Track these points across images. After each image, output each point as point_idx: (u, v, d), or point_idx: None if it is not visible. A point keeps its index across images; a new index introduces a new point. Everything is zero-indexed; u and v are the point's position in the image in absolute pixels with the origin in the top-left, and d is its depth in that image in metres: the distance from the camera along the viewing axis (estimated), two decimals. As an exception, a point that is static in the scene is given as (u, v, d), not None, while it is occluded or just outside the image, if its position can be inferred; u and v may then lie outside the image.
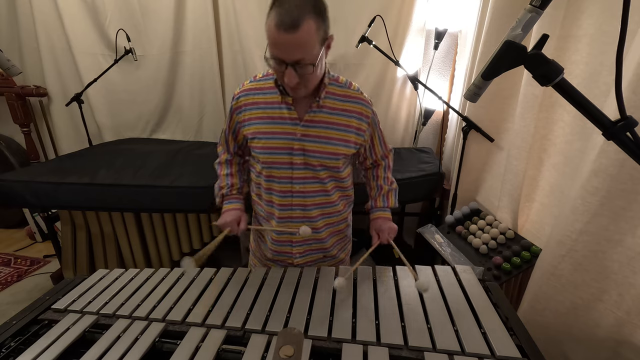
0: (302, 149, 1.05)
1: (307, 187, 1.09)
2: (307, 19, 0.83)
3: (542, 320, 1.28)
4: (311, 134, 1.05)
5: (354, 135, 1.08)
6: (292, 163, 1.06)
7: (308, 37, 0.85)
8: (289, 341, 0.69)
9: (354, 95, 1.08)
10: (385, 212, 1.23)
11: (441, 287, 1.02)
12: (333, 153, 1.06)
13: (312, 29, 0.85)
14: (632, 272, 1.07)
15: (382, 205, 1.23)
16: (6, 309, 2.21)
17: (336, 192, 1.15)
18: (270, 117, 1.06)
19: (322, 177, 1.09)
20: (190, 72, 2.72)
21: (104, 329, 0.93)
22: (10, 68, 1.42)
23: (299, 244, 1.17)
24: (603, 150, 1.02)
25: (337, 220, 1.19)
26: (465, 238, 1.79)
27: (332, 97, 1.06)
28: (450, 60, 2.42)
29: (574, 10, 1.33)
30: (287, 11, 0.82)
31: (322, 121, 1.05)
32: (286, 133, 1.05)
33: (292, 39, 0.84)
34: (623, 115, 0.57)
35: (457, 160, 2.02)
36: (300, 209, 1.12)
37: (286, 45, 0.86)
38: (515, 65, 0.62)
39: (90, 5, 2.62)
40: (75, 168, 2.09)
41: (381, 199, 1.24)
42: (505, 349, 0.79)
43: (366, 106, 1.09)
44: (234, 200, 1.19)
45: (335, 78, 1.08)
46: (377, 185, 1.24)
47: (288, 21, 0.82)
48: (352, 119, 1.07)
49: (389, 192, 1.25)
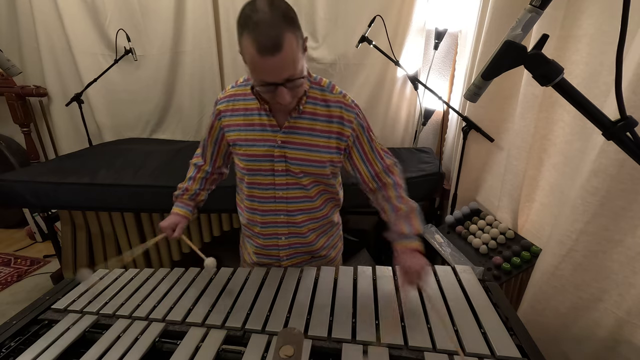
0: (284, 156, 1.03)
1: (290, 193, 1.07)
2: (286, 35, 0.80)
3: (542, 320, 1.28)
4: (292, 140, 1.02)
5: (335, 141, 1.03)
6: (274, 170, 1.04)
7: (292, 52, 0.82)
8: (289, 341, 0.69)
9: (335, 99, 1.02)
10: (413, 241, 0.99)
11: (441, 287, 1.02)
12: (317, 160, 1.03)
13: (292, 42, 0.82)
14: (632, 272, 1.06)
15: (406, 232, 1.00)
16: (6, 309, 2.21)
17: (321, 196, 1.12)
18: (250, 124, 1.04)
19: (304, 183, 1.06)
20: (190, 72, 2.72)
21: (104, 329, 0.93)
22: (10, 68, 1.42)
23: (285, 247, 1.16)
24: (603, 150, 1.02)
25: (323, 222, 1.17)
26: (465, 238, 1.79)
27: (312, 102, 1.02)
28: (450, 60, 2.42)
29: (574, 10, 1.33)
30: (265, 34, 0.78)
31: (303, 127, 1.02)
32: (266, 140, 1.03)
33: (279, 60, 0.81)
34: (623, 115, 0.57)
35: (457, 160, 2.02)
36: (284, 214, 1.10)
37: (274, 68, 0.83)
38: (515, 65, 0.62)
39: (90, 5, 2.62)
40: (75, 168, 2.09)
41: (404, 224, 1.02)
42: (505, 349, 0.79)
43: (348, 110, 1.02)
44: (180, 205, 1.21)
45: (317, 81, 1.03)
46: (392, 207, 1.06)
47: (270, 44, 0.78)
48: (332, 124, 1.02)
49: (410, 213, 1.04)
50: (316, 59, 2.48)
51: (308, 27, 2.44)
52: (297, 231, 1.13)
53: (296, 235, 1.14)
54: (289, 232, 1.13)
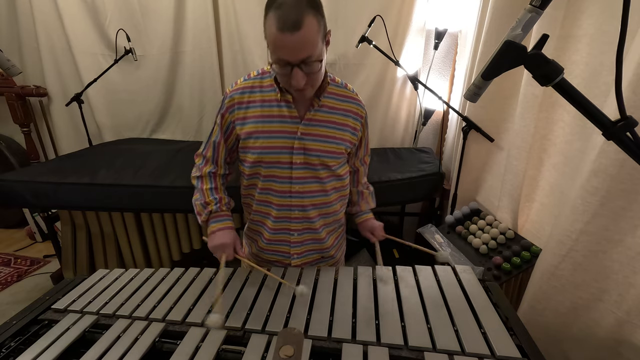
0: (303, 148, 1.04)
1: (306, 187, 1.09)
2: (308, 16, 0.83)
3: (542, 320, 1.28)
4: (312, 132, 1.05)
5: (349, 135, 1.11)
6: (292, 162, 1.05)
7: (312, 33, 0.85)
8: (289, 341, 0.69)
9: (350, 95, 1.11)
10: (369, 214, 1.31)
11: (441, 287, 1.02)
12: (333, 152, 1.08)
13: (314, 25, 0.85)
14: (632, 272, 1.06)
15: (366, 209, 1.31)
16: (6, 309, 2.21)
17: (334, 192, 1.14)
18: (269, 115, 1.03)
19: (321, 176, 1.09)
20: (190, 72, 2.72)
21: (104, 329, 0.93)
22: (10, 68, 1.42)
23: (297, 245, 1.16)
24: (603, 150, 1.02)
25: (334, 219, 1.19)
26: (465, 238, 1.79)
27: (330, 97, 1.08)
28: (450, 60, 2.42)
29: (574, 10, 1.33)
30: (287, 12, 0.82)
31: (322, 120, 1.06)
32: (286, 132, 1.03)
33: (297, 39, 0.84)
34: (623, 115, 0.57)
35: (457, 160, 2.02)
36: (298, 210, 1.11)
37: (292, 46, 0.85)
38: (515, 65, 0.62)
39: (90, 5, 2.62)
40: (75, 168, 2.09)
41: (365, 203, 1.31)
42: (505, 349, 0.79)
43: (361, 107, 1.14)
44: (224, 218, 1.10)
45: (332, 78, 1.10)
46: (358, 192, 1.31)
47: (290, 22, 0.82)
48: (348, 119, 1.10)
49: (369, 195, 1.33)
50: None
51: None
52: (311, 227, 1.14)
53: (310, 231, 1.15)
54: (302, 229, 1.13)
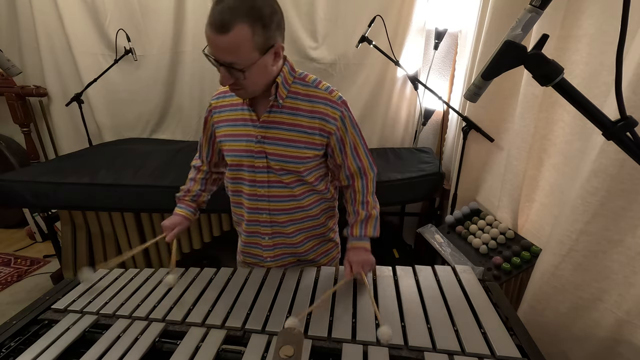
0: (264, 152, 1.02)
1: (272, 192, 1.06)
2: (238, 24, 0.80)
3: (542, 320, 1.28)
4: (271, 135, 1.01)
5: (318, 137, 1.01)
6: (254, 166, 1.04)
7: (238, 42, 0.82)
8: (289, 341, 0.70)
9: (320, 95, 1.00)
10: (362, 241, 1.09)
11: (441, 287, 1.02)
12: (297, 157, 1.01)
13: (244, 34, 0.81)
14: (632, 272, 1.06)
15: (357, 235, 1.10)
16: (6, 309, 2.21)
17: (309, 196, 1.09)
18: (235, 119, 1.05)
19: (286, 181, 1.04)
20: (190, 72, 2.72)
21: (104, 329, 0.93)
22: (10, 68, 1.42)
23: (269, 248, 1.15)
24: (603, 150, 1.02)
25: (312, 225, 1.14)
26: (465, 238, 1.79)
27: (294, 97, 1.00)
28: (450, 60, 2.42)
29: (574, 10, 1.33)
30: (220, 12, 0.80)
31: (283, 122, 1.00)
32: (247, 135, 1.03)
33: (221, 41, 0.82)
34: (623, 115, 0.57)
35: (457, 160, 2.02)
36: (266, 213, 1.09)
37: (216, 45, 0.84)
38: (515, 65, 0.62)
39: (90, 5, 2.62)
40: (75, 168, 2.09)
41: (358, 227, 1.10)
42: (505, 349, 0.79)
43: (333, 107, 1.00)
44: (182, 206, 1.21)
45: (302, 77, 1.02)
46: (354, 211, 1.11)
47: (218, 22, 0.80)
48: (314, 120, 1.00)
49: (368, 219, 1.11)
50: (316, 59, 2.48)
51: (308, 27, 2.44)
52: (282, 231, 1.12)
53: (281, 235, 1.13)
54: (272, 232, 1.12)
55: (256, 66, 0.87)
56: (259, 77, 0.92)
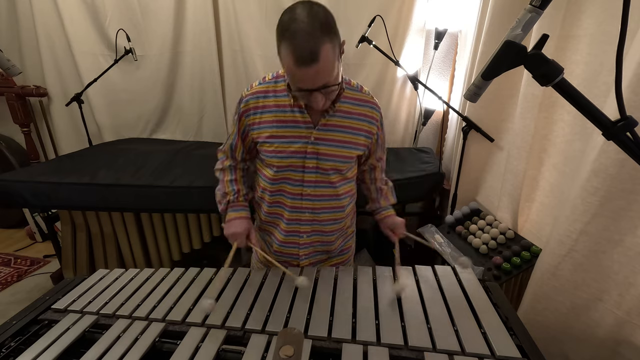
0: (316, 153, 1.05)
1: (318, 191, 1.10)
2: (324, 45, 0.82)
3: (542, 320, 1.28)
4: (325, 137, 1.05)
5: (363, 138, 1.10)
6: (304, 167, 1.06)
7: (328, 62, 0.85)
8: (289, 341, 0.70)
9: (365, 99, 1.10)
10: (390, 210, 1.29)
11: (441, 287, 1.02)
12: (346, 156, 1.08)
13: (329, 52, 0.84)
14: (632, 272, 1.06)
15: (386, 205, 1.28)
16: (6, 309, 2.20)
17: (346, 196, 1.15)
18: (283, 120, 1.05)
19: (333, 181, 1.09)
20: (190, 72, 2.72)
21: (104, 329, 0.93)
22: (10, 68, 1.42)
23: (306, 246, 1.17)
24: (603, 150, 1.02)
25: (345, 224, 1.21)
26: (465, 238, 1.79)
27: (346, 101, 1.07)
28: (450, 60, 2.42)
29: (574, 10, 1.33)
30: (302, 44, 0.81)
31: (336, 125, 1.06)
32: (299, 137, 1.04)
33: (315, 70, 0.84)
34: (623, 115, 0.57)
35: (457, 160, 2.02)
36: (309, 212, 1.12)
37: (310, 77, 0.86)
38: (515, 65, 0.62)
39: (90, 5, 2.62)
40: (75, 168, 2.09)
41: (384, 199, 1.29)
42: (505, 349, 0.79)
43: (376, 110, 1.12)
44: (240, 208, 1.16)
45: (348, 82, 1.09)
46: (377, 188, 1.29)
47: (307, 55, 0.81)
48: (363, 122, 1.09)
49: (389, 190, 1.31)
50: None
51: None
52: (321, 229, 1.15)
53: (319, 234, 1.16)
54: (312, 231, 1.15)
55: (340, 73, 0.94)
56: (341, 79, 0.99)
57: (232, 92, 2.73)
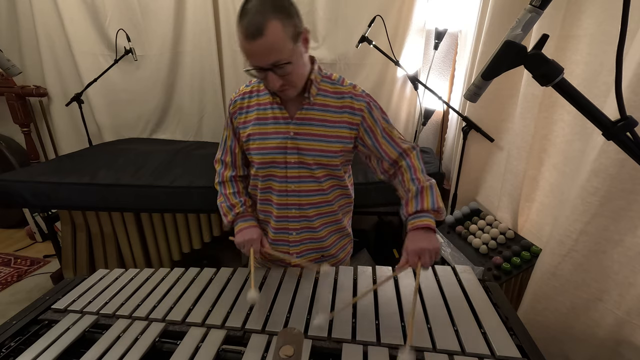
0: (296, 148, 1.05)
1: (303, 187, 1.09)
2: (270, 21, 0.84)
3: (542, 320, 1.28)
4: (304, 131, 1.05)
5: (347, 130, 1.06)
6: (287, 162, 1.07)
7: (276, 38, 0.86)
8: (289, 341, 0.70)
9: (345, 90, 1.06)
10: (421, 219, 0.98)
11: (441, 287, 1.02)
12: (329, 150, 1.06)
13: (277, 29, 0.86)
14: (632, 272, 1.06)
15: (413, 210, 1.00)
16: (6, 309, 2.20)
17: (334, 191, 1.14)
18: (264, 118, 1.07)
19: (318, 176, 1.08)
20: (190, 72, 2.72)
21: (104, 329, 0.93)
22: (10, 68, 1.42)
23: (296, 244, 1.17)
24: (603, 150, 1.02)
25: (335, 219, 1.18)
26: (465, 238, 1.79)
27: (324, 94, 1.06)
28: (450, 60, 2.42)
29: (574, 10, 1.33)
30: (250, 20, 0.85)
31: (315, 118, 1.05)
32: (279, 132, 1.06)
33: (262, 45, 0.86)
34: (623, 115, 0.57)
35: (457, 160, 2.02)
36: (296, 208, 1.12)
37: (258, 52, 0.88)
38: (515, 65, 0.62)
39: (90, 5, 2.62)
40: (75, 168, 2.09)
41: (412, 203, 1.01)
42: (505, 349, 0.79)
43: (358, 99, 1.05)
44: (249, 218, 1.17)
45: (328, 75, 1.08)
46: (405, 190, 1.06)
47: (253, 29, 0.84)
48: (343, 114, 1.05)
49: (422, 191, 1.02)
50: (316, 59, 2.47)
51: (308, 27, 2.43)
52: (310, 226, 1.14)
53: (308, 230, 1.15)
54: (300, 227, 1.14)
55: (296, 56, 0.93)
56: (301, 68, 0.98)
57: (232, 92, 2.72)
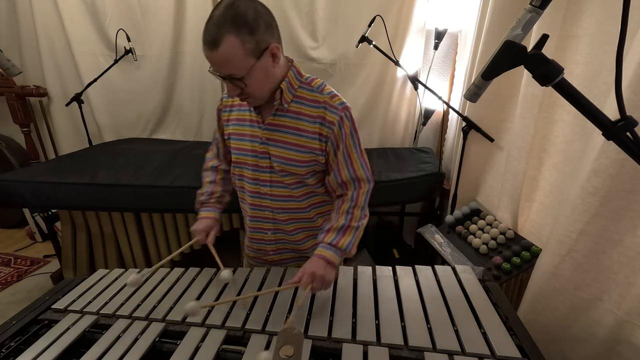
0: (267, 153, 1.04)
1: (275, 191, 1.08)
2: (226, 36, 0.82)
3: (542, 320, 1.28)
4: (275, 138, 1.03)
5: (317, 142, 1.01)
6: (258, 166, 1.07)
7: (229, 53, 0.84)
8: (289, 341, 0.70)
9: (321, 99, 1.00)
10: (330, 252, 0.96)
11: (441, 287, 1.02)
12: (297, 160, 1.02)
13: (233, 45, 0.83)
14: (632, 272, 1.06)
15: (328, 242, 0.98)
16: (6, 309, 2.20)
17: (308, 198, 1.11)
18: (242, 119, 1.08)
19: (287, 182, 1.06)
20: (190, 72, 2.72)
21: (104, 329, 0.93)
22: (10, 68, 1.42)
23: (272, 242, 1.17)
24: (603, 150, 1.02)
25: (312, 225, 1.15)
26: (465, 238, 1.79)
27: (299, 102, 1.01)
28: (450, 60, 2.42)
29: (574, 10, 1.33)
30: (208, 29, 0.83)
31: (286, 126, 1.02)
32: (252, 135, 1.06)
33: (215, 57, 0.85)
34: (623, 115, 0.57)
35: (457, 160, 2.02)
36: (269, 211, 1.11)
37: (212, 61, 0.87)
38: (515, 65, 0.62)
39: (90, 5, 2.62)
40: (75, 168, 2.09)
41: (331, 234, 0.99)
42: (505, 349, 0.79)
43: (332, 112, 0.99)
44: (210, 208, 1.19)
45: (308, 82, 1.03)
46: (336, 215, 1.03)
47: (208, 39, 0.83)
48: (315, 125, 1.00)
49: (345, 229, 1.00)
50: (316, 59, 2.48)
51: (308, 27, 2.44)
52: (283, 228, 1.14)
53: (282, 232, 1.15)
54: (275, 229, 1.15)
55: (254, 71, 0.89)
56: (262, 82, 0.93)
57: (232, 92, 2.73)
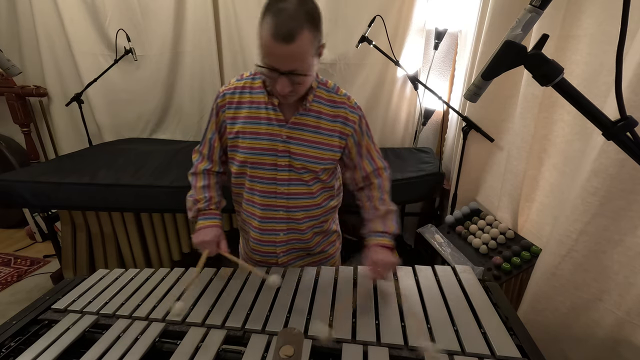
0: (287, 151, 1.04)
1: (292, 189, 1.08)
2: (303, 31, 0.82)
3: (542, 320, 1.28)
4: (297, 136, 1.04)
5: (337, 140, 1.07)
6: (277, 165, 1.06)
7: (303, 48, 0.85)
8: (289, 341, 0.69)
9: (339, 100, 1.06)
10: (384, 238, 1.06)
11: (441, 287, 1.02)
12: (318, 157, 1.06)
13: (307, 40, 0.84)
14: (632, 272, 1.06)
15: (379, 230, 1.07)
16: (6, 309, 2.21)
17: (322, 194, 1.13)
18: (256, 117, 1.05)
19: (306, 179, 1.08)
20: (190, 72, 2.72)
21: (104, 329, 0.93)
22: (10, 68, 1.42)
23: (283, 244, 1.16)
24: (603, 150, 1.02)
25: (322, 220, 1.18)
26: (465, 238, 1.79)
27: (318, 101, 1.05)
28: (450, 60, 2.42)
29: (574, 10, 1.33)
30: (284, 22, 0.82)
31: (308, 124, 1.04)
32: (271, 134, 1.04)
33: (288, 50, 0.84)
34: (623, 115, 0.57)
35: (457, 160, 2.02)
36: (283, 210, 1.11)
37: (282, 55, 0.86)
38: (515, 65, 0.62)
39: (90, 5, 2.62)
40: (75, 168, 2.09)
41: (379, 223, 1.09)
42: (505, 349, 0.79)
43: (351, 111, 1.07)
44: (211, 216, 1.12)
45: (324, 82, 1.07)
46: (372, 206, 1.12)
47: (284, 32, 0.81)
48: (336, 124, 1.06)
49: (388, 214, 1.10)
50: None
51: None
52: (296, 227, 1.14)
53: (295, 232, 1.15)
54: (288, 229, 1.14)
55: (313, 68, 0.92)
56: (311, 80, 0.97)
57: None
